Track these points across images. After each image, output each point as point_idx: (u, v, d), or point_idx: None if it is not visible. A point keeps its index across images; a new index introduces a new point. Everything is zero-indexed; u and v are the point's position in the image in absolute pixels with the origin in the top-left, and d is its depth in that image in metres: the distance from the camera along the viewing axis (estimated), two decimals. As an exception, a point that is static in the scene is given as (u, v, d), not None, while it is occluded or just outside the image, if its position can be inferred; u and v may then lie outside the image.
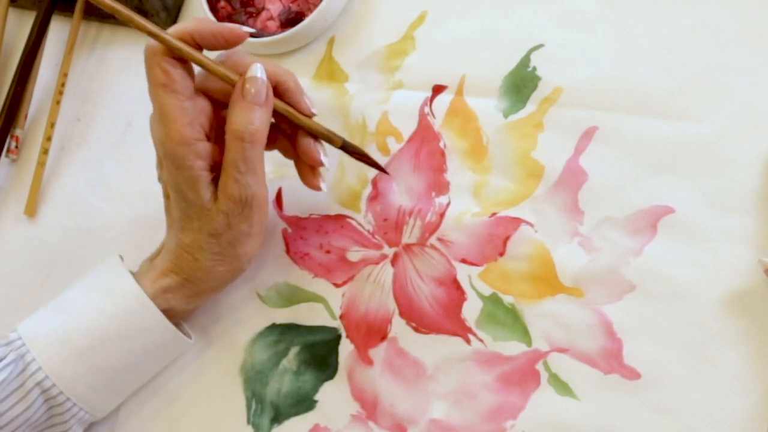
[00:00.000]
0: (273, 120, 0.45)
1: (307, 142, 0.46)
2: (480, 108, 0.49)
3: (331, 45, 0.54)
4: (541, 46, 0.49)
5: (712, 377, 0.42)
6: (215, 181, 0.44)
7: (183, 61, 0.42)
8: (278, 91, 0.44)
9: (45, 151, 0.58)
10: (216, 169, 0.44)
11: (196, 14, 0.58)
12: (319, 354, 0.48)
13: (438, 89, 0.50)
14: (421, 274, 0.48)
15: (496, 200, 0.48)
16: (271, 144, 0.47)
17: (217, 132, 0.45)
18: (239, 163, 0.42)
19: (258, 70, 0.43)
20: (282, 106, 0.44)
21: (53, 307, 0.47)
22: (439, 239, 0.48)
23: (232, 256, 0.46)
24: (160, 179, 0.47)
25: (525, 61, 0.49)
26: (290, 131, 0.47)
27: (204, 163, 0.43)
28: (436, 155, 0.49)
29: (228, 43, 0.43)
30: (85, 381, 0.45)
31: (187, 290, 0.46)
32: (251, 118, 0.42)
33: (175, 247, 0.46)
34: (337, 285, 0.49)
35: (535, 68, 0.49)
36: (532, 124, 0.48)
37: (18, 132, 0.59)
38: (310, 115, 0.45)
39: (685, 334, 0.43)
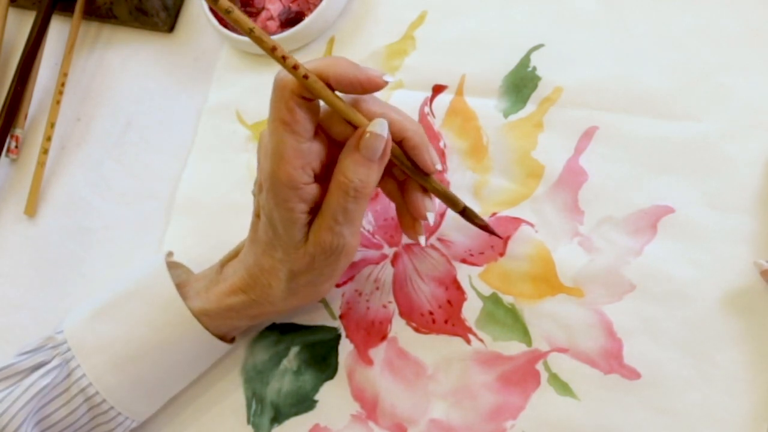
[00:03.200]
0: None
1: (416, 195, 0.43)
2: (480, 108, 0.49)
3: (331, 45, 0.54)
4: (541, 46, 0.49)
5: (712, 377, 0.42)
6: (310, 222, 0.42)
7: (310, 100, 0.40)
8: (403, 146, 0.42)
9: (45, 151, 0.58)
10: (315, 210, 0.42)
11: (197, 14, 0.58)
12: (319, 354, 0.48)
13: (438, 89, 0.50)
14: (421, 274, 0.48)
15: (496, 200, 0.48)
16: (381, 186, 0.45)
17: (324, 172, 0.42)
18: (338, 214, 0.41)
19: (380, 126, 0.40)
20: (404, 161, 0.42)
21: (98, 311, 0.46)
22: (439, 239, 0.48)
23: (306, 293, 0.45)
24: (254, 195, 0.45)
25: (525, 61, 0.49)
26: (402, 178, 0.45)
27: (306, 206, 0.41)
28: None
29: (364, 90, 0.40)
30: (128, 389, 0.45)
31: (253, 311, 0.45)
32: (361, 173, 0.40)
33: (252, 266, 0.44)
34: (337, 285, 0.49)
35: (535, 68, 0.49)
36: (532, 124, 0.48)
37: (18, 132, 0.59)
38: (433, 172, 0.43)
39: (685, 334, 0.43)
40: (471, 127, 0.49)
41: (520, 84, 0.49)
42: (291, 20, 0.53)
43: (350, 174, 0.40)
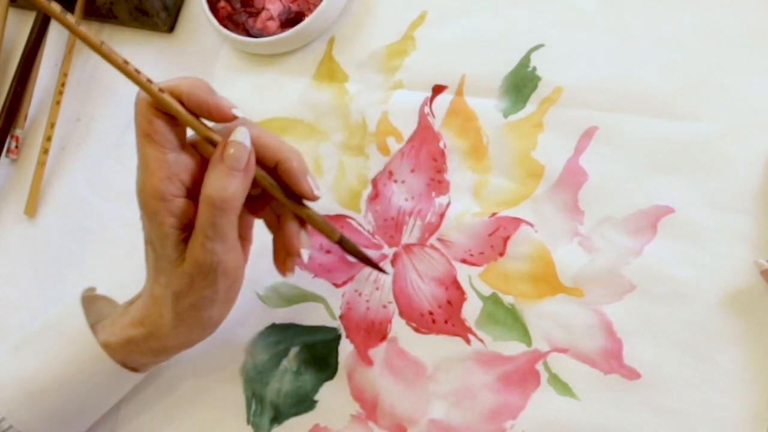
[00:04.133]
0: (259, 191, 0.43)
1: (291, 227, 0.43)
2: (480, 108, 0.49)
3: (331, 45, 0.54)
4: (541, 46, 0.49)
5: (712, 377, 0.42)
6: (185, 243, 0.41)
7: (172, 117, 0.41)
8: (280, 169, 0.42)
9: (45, 151, 0.58)
10: (189, 228, 0.41)
11: (197, 14, 0.58)
12: (319, 354, 0.48)
13: (438, 89, 0.50)
14: (421, 274, 0.48)
15: (496, 200, 0.48)
16: (258, 212, 0.45)
17: (199, 190, 0.42)
18: (207, 228, 0.40)
19: (241, 134, 0.40)
20: (273, 185, 0.42)
21: (16, 346, 0.45)
22: (439, 239, 0.48)
23: (194, 318, 0.43)
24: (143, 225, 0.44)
25: (525, 61, 0.49)
26: (279, 211, 0.44)
27: (176, 221, 0.41)
28: (436, 155, 0.49)
29: (211, 116, 0.41)
30: (42, 423, 0.44)
31: (152, 344, 0.44)
32: (226, 184, 0.40)
33: (147, 297, 0.44)
34: (337, 285, 0.49)
35: (535, 68, 0.49)
36: (532, 124, 0.48)
37: (18, 132, 0.59)
38: (312, 199, 0.42)
39: (685, 334, 0.43)
40: (471, 127, 0.49)
41: (520, 84, 0.49)
42: (291, 20, 0.53)
43: (215, 185, 0.40)
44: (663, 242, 0.44)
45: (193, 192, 0.42)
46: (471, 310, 0.46)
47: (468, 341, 0.46)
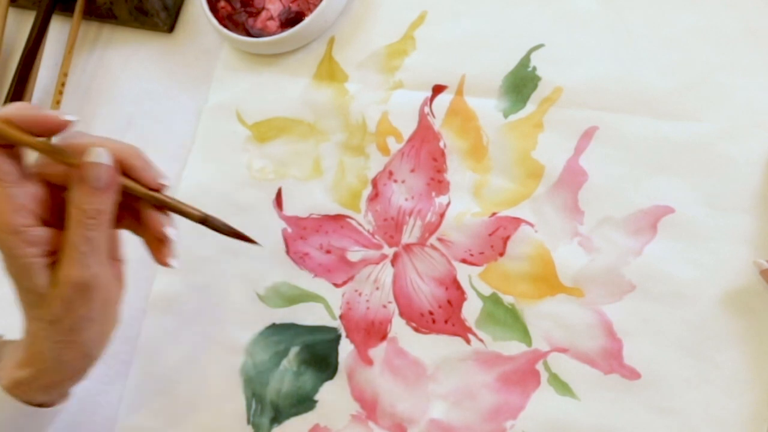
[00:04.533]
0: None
1: (151, 214, 0.43)
2: (480, 108, 0.49)
3: (331, 45, 0.54)
4: (541, 46, 0.49)
5: (712, 377, 0.42)
6: (52, 267, 0.41)
7: (7, 147, 0.40)
8: (123, 167, 0.41)
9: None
10: (54, 253, 0.41)
11: (197, 14, 0.58)
12: (319, 354, 0.48)
13: (438, 89, 0.50)
14: (421, 274, 0.48)
15: (496, 200, 0.48)
16: (118, 223, 0.44)
17: (56, 215, 0.41)
18: (81, 244, 0.40)
19: (98, 155, 0.40)
20: (128, 184, 0.42)
21: None
22: (439, 239, 0.48)
23: (76, 342, 0.42)
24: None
25: (525, 61, 0.49)
26: (136, 207, 0.44)
27: (37, 250, 0.40)
28: (436, 155, 0.49)
29: (51, 131, 0.40)
30: None
31: (42, 381, 0.43)
32: (92, 201, 0.40)
33: (25, 336, 0.43)
34: (337, 285, 0.49)
35: (535, 68, 0.49)
36: (532, 124, 0.48)
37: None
38: (158, 188, 0.42)
39: (685, 334, 0.43)
40: (471, 127, 0.49)
41: (520, 84, 0.49)
42: (291, 20, 0.53)
43: (83, 205, 0.40)
44: (663, 242, 0.44)
45: (47, 218, 0.41)
46: (471, 310, 0.46)
47: (468, 341, 0.46)
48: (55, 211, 0.41)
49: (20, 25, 0.63)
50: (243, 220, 0.52)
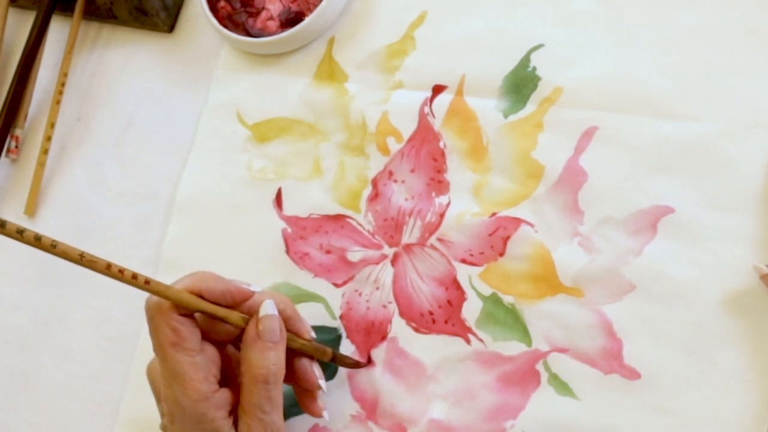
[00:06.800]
0: None
1: (304, 366, 0.44)
2: (480, 108, 0.49)
3: (331, 45, 0.54)
4: (541, 46, 0.49)
5: (712, 377, 0.42)
6: (234, 423, 0.41)
7: (189, 316, 0.41)
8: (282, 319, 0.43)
9: (45, 151, 0.58)
10: (233, 411, 0.42)
11: (197, 14, 0.58)
12: (319, 354, 0.48)
13: (438, 89, 0.50)
14: (421, 274, 0.48)
15: (496, 200, 0.48)
16: None
17: (224, 373, 0.43)
18: (264, 404, 0.41)
19: (270, 307, 0.42)
20: (295, 339, 0.44)
21: None
22: (439, 239, 0.48)
23: None
24: (163, 429, 0.43)
25: (525, 61, 0.49)
26: (288, 359, 0.44)
27: (224, 412, 0.41)
28: (436, 155, 0.49)
29: (236, 302, 0.42)
30: None
31: None
32: (270, 358, 0.41)
33: None
34: (337, 285, 0.49)
35: (535, 68, 0.49)
36: (532, 124, 0.48)
37: (18, 132, 0.59)
38: (310, 340, 0.44)
39: (685, 334, 0.43)
40: (471, 128, 0.49)
41: (520, 84, 0.49)
42: (291, 20, 0.53)
43: (261, 363, 0.41)
44: (663, 242, 0.44)
45: (222, 379, 0.42)
46: (471, 310, 0.46)
47: (468, 341, 0.46)
48: (222, 370, 0.43)
49: (20, 25, 0.63)
50: (243, 220, 0.52)
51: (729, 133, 0.44)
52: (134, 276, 0.39)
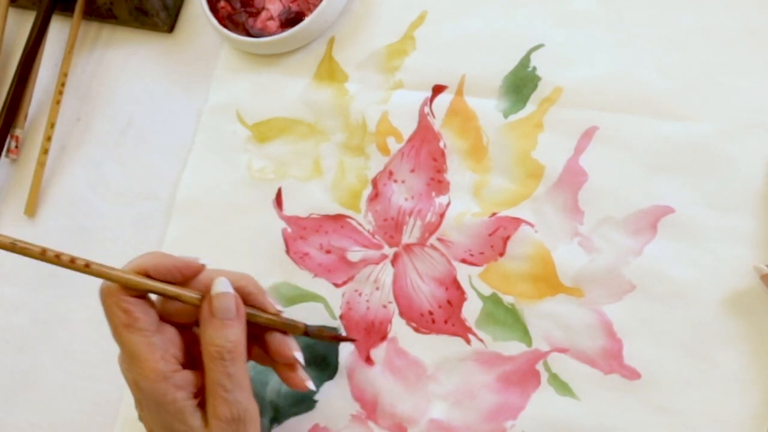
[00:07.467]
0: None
1: (276, 340, 0.44)
2: (480, 108, 0.49)
3: (331, 45, 0.54)
4: (541, 46, 0.49)
5: (712, 377, 0.42)
6: (201, 405, 0.41)
7: (142, 296, 0.41)
8: (242, 296, 0.43)
9: (45, 151, 0.58)
10: (200, 393, 0.42)
11: (197, 14, 0.58)
12: (319, 354, 0.48)
13: (438, 89, 0.50)
14: (421, 274, 0.48)
15: (496, 200, 0.48)
16: (247, 356, 0.44)
17: (189, 355, 0.43)
18: (224, 381, 0.40)
19: (223, 285, 0.41)
20: (251, 311, 0.43)
21: None
22: (439, 239, 0.48)
23: None
24: (141, 419, 0.43)
25: (525, 61, 0.49)
26: (261, 337, 0.45)
27: (185, 393, 0.41)
28: (436, 155, 0.49)
29: (185, 277, 0.42)
30: None
31: None
32: (227, 335, 0.41)
33: None
34: (337, 285, 0.49)
35: (535, 68, 0.49)
36: (532, 124, 0.48)
37: (18, 132, 0.59)
38: (276, 314, 0.44)
39: (685, 334, 0.43)
40: (471, 128, 0.49)
41: (520, 84, 0.49)
42: (291, 20, 0.53)
43: (217, 340, 0.40)
44: (663, 242, 0.44)
45: (188, 362, 0.42)
46: (471, 310, 0.46)
47: (468, 341, 0.46)
48: (186, 352, 0.43)
49: (20, 25, 0.63)
50: (243, 220, 0.52)
51: (729, 133, 0.44)
52: (72, 260, 0.40)
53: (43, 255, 0.40)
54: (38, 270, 0.56)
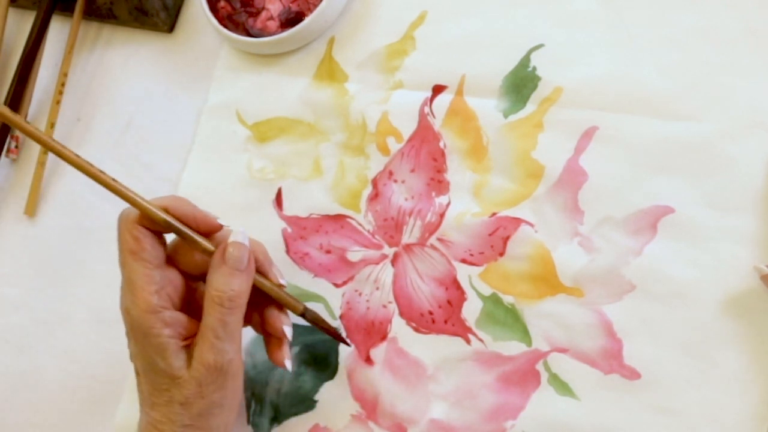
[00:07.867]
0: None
1: (274, 314, 0.45)
2: (480, 108, 0.49)
3: (331, 45, 0.54)
4: (541, 46, 0.49)
5: (712, 377, 0.42)
6: (186, 349, 0.42)
7: (155, 232, 0.42)
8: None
9: (45, 151, 0.58)
10: (189, 339, 0.42)
11: (197, 14, 0.58)
12: (319, 354, 0.48)
13: (438, 89, 0.50)
14: (421, 274, 0.48)
15: (496, 200, 0.48)
16: (246, 321, 0.45)
17: (189, 305, 0.44)
18: (218, 328, 0.41)
19: (241, 236, 0.42)
20: (257, 277, 0.44)
21: None
22: (439, 239, 0.48)
23: (203, 429, 0.42)
24: (131, 359, 0.43)
25: (525, 61, 0.49)
26: (262, 308, 0.45)
27: (172, 331, 0.41)
28: (436, 155, 0.49)
29: (198, 228, 0.42)
30: None
31: None
32: (231, 283, 0.41)
33: (146, 426, 0.42)
34: (337, 285, 0.49)
35: (535, 68, 0.49)
36: (532, 124, 0.48)
37: (18, 132, 0.59)
38: (280, 286, 0.44)
39: (685, 334, 0.43)
40: (471, 128, 0.49)
41: (520, 84, 0.49)
42: (291, 20, 0.53)
43: (221, 286, 0.41)
44: (663, 242, 0.44)
45: (180, 306, 0.43)
46: (471, 310, 0.46)
47: (468, 341, 0.46)
48: (186, 302, 0.43)
49: (20, 25, 0.63)
50: (243, 220, 0.52)
51: (729, 133, 0.44)
52: (102, 172, 0.42)
53: (77, 159, 0.42)
54: (38, 270, 0.57)
